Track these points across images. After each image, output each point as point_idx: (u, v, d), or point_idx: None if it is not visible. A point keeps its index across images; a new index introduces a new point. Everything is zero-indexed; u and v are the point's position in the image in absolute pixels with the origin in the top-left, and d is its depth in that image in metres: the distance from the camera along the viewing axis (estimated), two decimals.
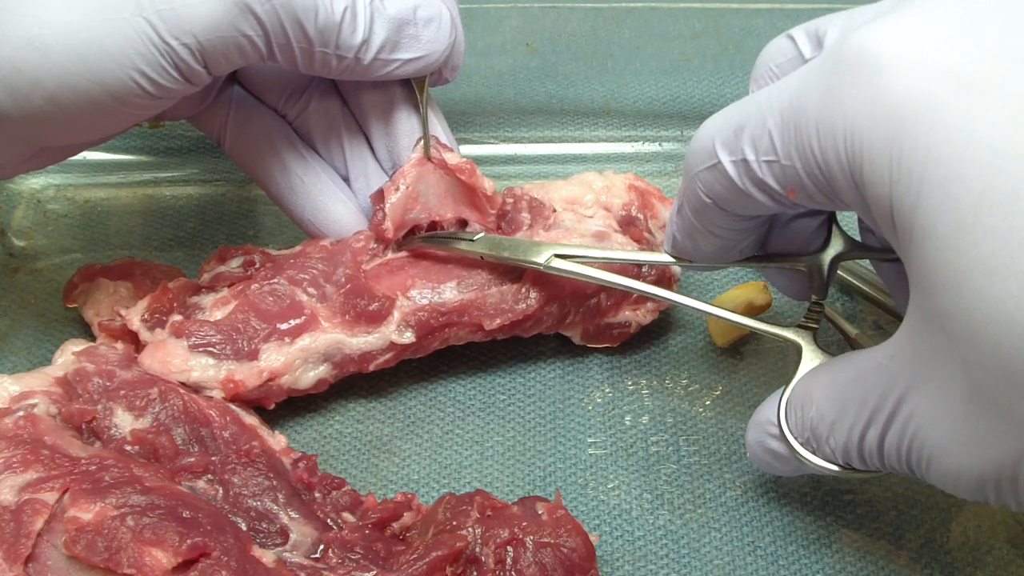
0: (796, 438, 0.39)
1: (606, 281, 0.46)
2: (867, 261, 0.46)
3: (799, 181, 0.34)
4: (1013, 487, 0.30)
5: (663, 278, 0.50)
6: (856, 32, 0.32)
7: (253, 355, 0.46)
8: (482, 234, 0.48)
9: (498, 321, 0.48)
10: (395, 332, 0.48)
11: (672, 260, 0.44)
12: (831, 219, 0.43)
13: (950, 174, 0.28)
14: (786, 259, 0.43)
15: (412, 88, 0.48)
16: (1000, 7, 0.30)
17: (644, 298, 0.51)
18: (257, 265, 0.49)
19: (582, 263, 0.46)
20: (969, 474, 0.31)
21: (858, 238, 0.43)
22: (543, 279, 0.49)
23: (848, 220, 0.42)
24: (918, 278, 0.31)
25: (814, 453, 0.38)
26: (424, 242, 0.49)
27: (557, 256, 0.47)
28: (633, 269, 0.49)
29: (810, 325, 0.42)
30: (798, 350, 0.41)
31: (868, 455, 0.35)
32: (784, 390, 0.40)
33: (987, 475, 0.31)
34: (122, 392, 0.45)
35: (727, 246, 0.41)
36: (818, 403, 0.37)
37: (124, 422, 0.44)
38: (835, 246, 0.42)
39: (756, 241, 0.42)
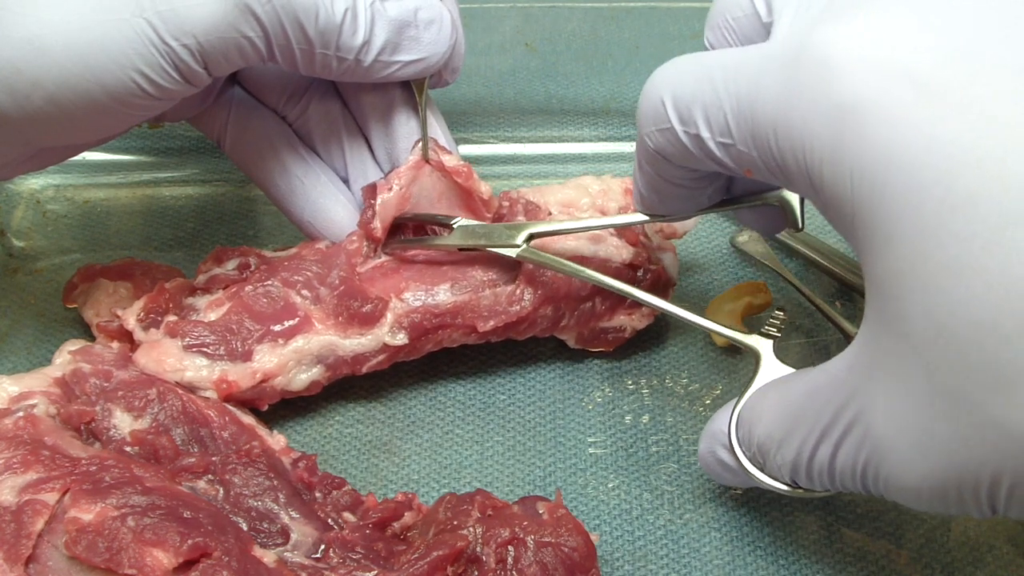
0: (744, 453, 0.38)
1: (598, 280, 0.46)
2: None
3: (755, 166, 0.34)
4: (975, 493, 0.30)
5: (658, 282, 0.50)
6: (814, 30, 0.31)
7: (247, 356, 0.46)
8: (458, 223, 0.48)
9: (492, 323, 0.48)
10: (388, 334, 0.48)
11: (646, 219, 0.43)
12: None
13: (911, 181, 0.28)
14: (756, 197, 0.42)
15: (412, 90, 0.48)
16: (958, 8, 0.30)
17: (639, 303, 0.51)
18: (252, 267, 0.49)
19: (562, 254, 0.46)
20: (931, 484, 0.31)
21: None
22: (537, 281, 0.49)
23: None
24: (879, 283, 0.30)
25: (761, 470, 0.38)
26: (405, 243, 0.49)
27: (534, 235, 0.47)
28: (628, 273, 0.49)
29: (772, 333, 0.42)
30: (756, 357, 0.41)
31: (818, 473, 0.35)
32: (737, 402, 0.39)
33: (949, 483, 0.30)
34: (120, 393, 0.45)
35: (691, 195, 0.41)
36: (766, 421, 0.37)
37: (123, 423, 0.44)
38: None
39: (721, 187, 0.42)
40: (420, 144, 0.49)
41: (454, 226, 0.48)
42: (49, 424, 0.43)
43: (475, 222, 0.49)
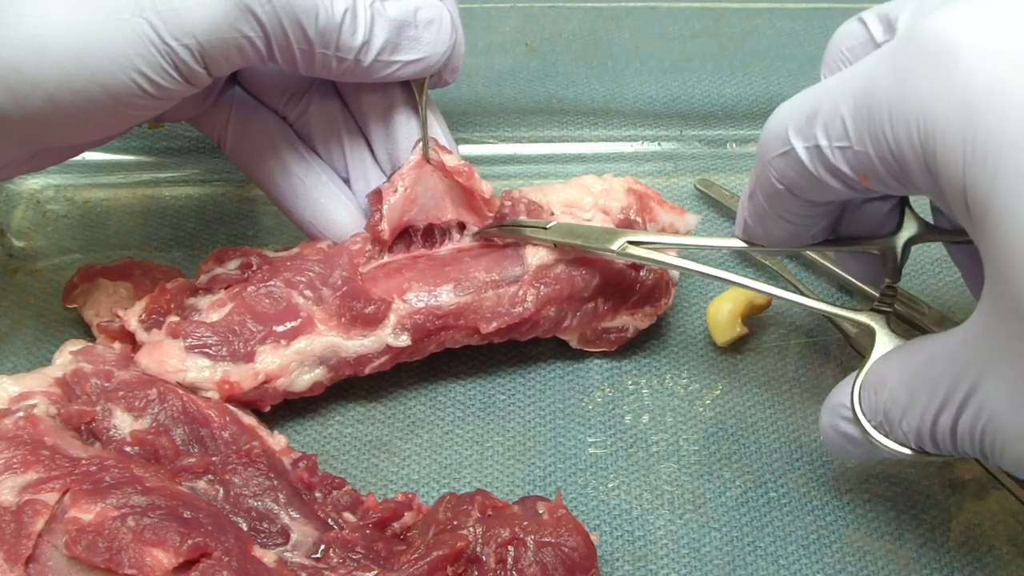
0: (869, 421, 0.38)
1: (681, 267, 0.46)
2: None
3: (872, 167, 0.34)
4: None
5: (661, 281, 0.50)
6: (929, 16, 0.32)
7: (249, 357, 0.46)
8: (555, 222, 0.49)
9: (495, 324, 0.48)
10: (391, 335, 0.48)
11: (744, 245, 0.43)
12: (903, 202, 0.42)
13: None
14: (858, 243, 0.42)
15: (412, 90, 0.48)
16: None
17: (642, 302, 0.51)
18: (254, 267, 0.49)
19: (655, 249, 0.46)
20: None
21: (931, 220, 0.43)
22: (540, 282, 0.49)
23: (920, 203, 0.42)
24: (993, 263, 0.31)
25: (887, 436, 0.38)
26: (499, 230, 0.49)
27: (631, 243, 0.47)
28: (632, 273, 0.49)
29: (883, 309, 0.41)
30: (871, 334, 0.41)
31: (941, 439, 0.35)
32: (858, 373, 0.39)
33: None
34: (120, 393, 0.45)
35: (799, 231, 0.41)
36: (891, 386, 0.37)
37: (123, 423, 0.44)
38: (908, 229, 0.42)
39: (828, 226, 0.42)
40: (420, 144, 0.49)
41: (549, 227, 0.48)
42: (49, 424, 0.43)
43: (573, 222, 0.49)
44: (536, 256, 0.49)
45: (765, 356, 0.52)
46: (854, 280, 0.54)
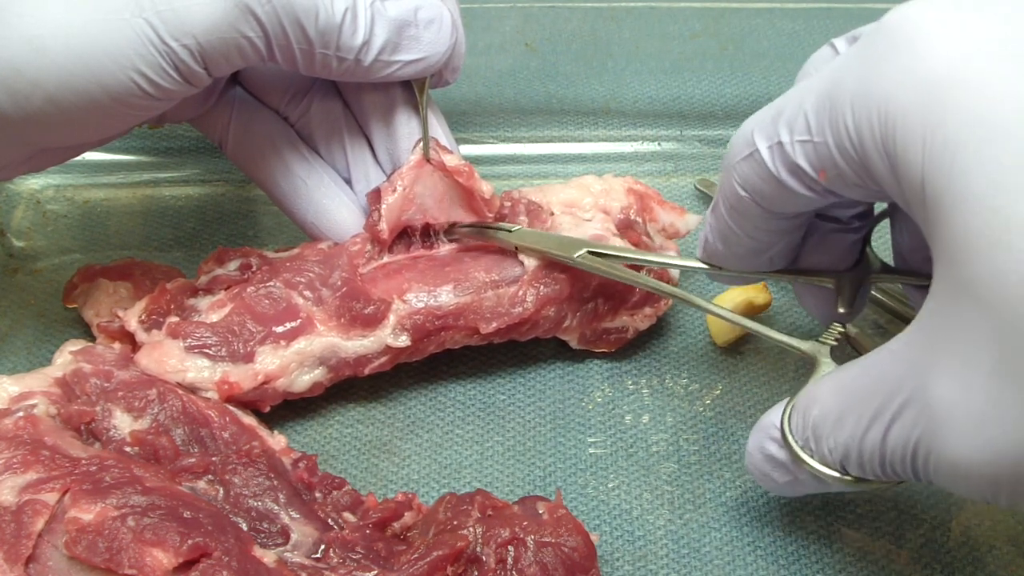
0: (796, 440, 0.38)
1: (634, 281, 0.46)
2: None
3: (831, 159, 0.34)
4: None
5: (661, 280, 0.50)
6: (893, 10, 0.32)
7: (249, 357, 0.46)
8: (520, 227, 0.49)
9: (494, 324, 0.48)
10: (390, 335, 0.48)
11: (704, 266, 0.43)
12: (865, 240, 0.43)
13: (988, 134, 0.29)
14: (816, 274, 0.43)
15: (413, 90, 0.48)
16: None
17: (642, 303, 0.51)
18: (254, 268, 0.49)
19: (613, 261, 0.47)
20: (986, 461, 0.30)
21: (891, 263, 0.43)
22: (540, 282, 0.49)
23: (881, 245, 0.42)
24: (948, 248, 0.30)
25: (811, 456, 0.38)
26: (466, 230, 0.50)
27: (591, 253, 0.47)
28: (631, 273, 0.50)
29: (828, 341, 0.41)
30: (813, 363, 0.41)
31: (868, 455, 0.34)
32: (791, 397, 0.39)
33: (1005, 461, 0.29)
34: (120, 393, 0.45)
35: (758, 249, 0.41)
36: (823, 402, 0.37)
37: (123, 423, 0.44)
38: (867, 266, 0.42)
39: (787, 248, 0.42)
40: (420, 144, 0.49)
41: (513, 231, 0.49)
42: (49, 424, 0.43)
43: (533, 230, 0.49)
44: (535, 256, 0.49)
45: (765, 356, 0.52)
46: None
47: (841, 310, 0.42)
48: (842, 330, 0.42)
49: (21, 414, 0.43)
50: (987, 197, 0.29)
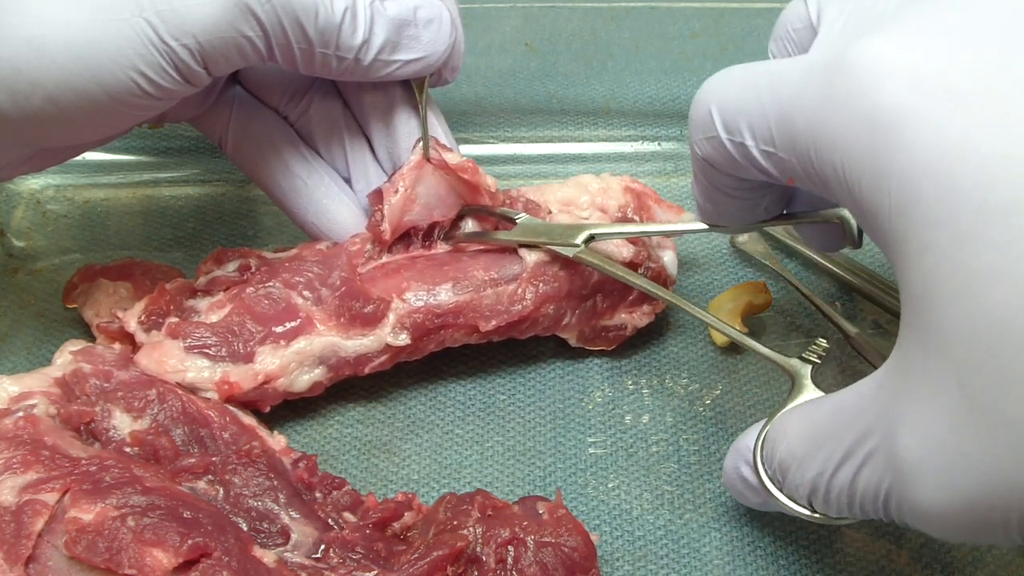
0: (766, 471, 0.38)
1: (631, 282, 0.47)
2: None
3: (797, 175, 0.34)
4: (1005, 519, 0.29)
5: (658, 280, 0.50)
6: (854, 42, 0.31)
7: (248, 357, 0.46)
8: (522, 214, 0.49)
9: (494, 322, 0.48)
10: (390, 334, 0.48)
11: (706, 227, 0.43)
12: None
13: (947, 186, 0.28)
14: (815, 213, 0.42)
15: (412, 89, 0.48)
16: (992, 21, 0.30)
17: (640, 300, 0.51)
18: (253, 268, 0.49)
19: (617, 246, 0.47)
20: (958, 508, 0.30)
21: None
22: (539, 279, 0.49)
23: None
24: (914, 293, 0.30)
25: (780, 490, 0.38)
26: (467, 238, 0.50)
27: (593, 236, 0.47)
28: (639, 259, 0.50)
29: (812, 359, 0.41)
30: (793, 381, 0.41)
31: (836, 495, 0.34)
32: (767, 421, 0.39)
33: (979, 508, 0.29)
34: (120, 393, 0.45)
35: (748, 205, 0.41)
36: (790, 439, 0.37)
37: (123, 424, 0.44)
38: None
39: (778, 199, 0.41)
40: (420, 143, 0.49)
41: (516, 220, 0.49)
42: (49, 424, 0.43)
43: (537, 220, 0.49)
44: (534, 254, 0.49)
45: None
46: (847, 272, 0.54)
47: (849, 246, 0.42)
48: (826, 346, 0.42)
49: (21, 414, 0.43)
50: (949, 248, 0.28)
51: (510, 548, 0.40)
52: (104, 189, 0.60)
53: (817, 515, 0.37)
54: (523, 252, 0.49)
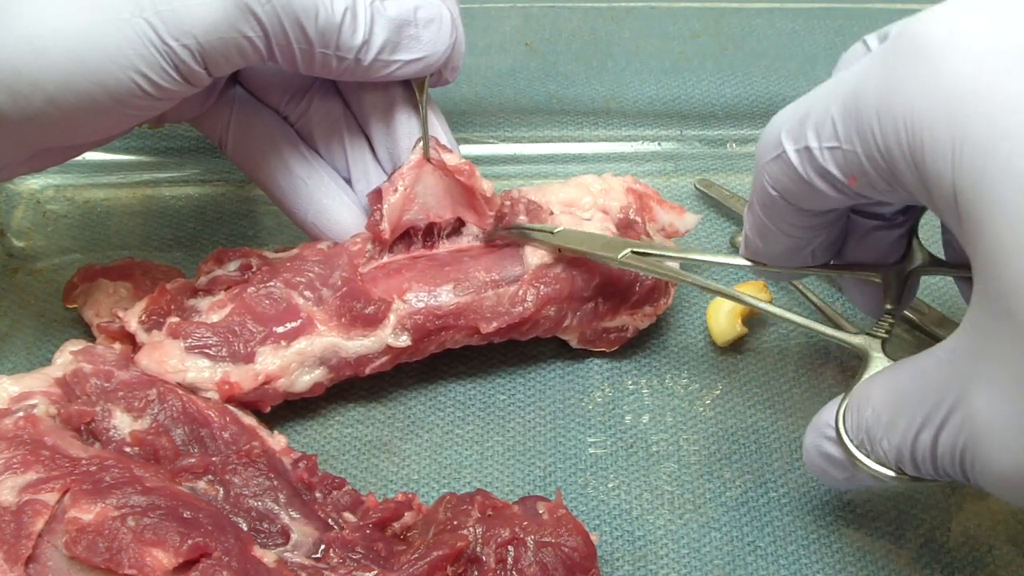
0: (851, 440, 0.38)
1: (677, 278, 0.46)
2: None
3: (860, 167, 0.34)
4: None
5: (659, 284, 0.50)
6: (916, 19, 0.32)
7: (249, 358, 0.46)
8: (562, 227, 0.49)
9: (495, 324, 0.48)
10: (391, 335, 0.47)
11: (749, 264, 0.43)
12: (911, 232, 0.42)
13: (1015, 146, 0.28)
14: (862, 269, 0.42)
15: (412, 89, 0.48)
16: None
17: (642, 302, 0.51)
18: (254, 268, 0.49)
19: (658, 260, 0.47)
20: (1022, 475, 0.30)
21: (940, 255, 0.42)
22: (540, 282, 0.49)
23: (928, 235, 0.41)
24: (982, 263, 0.30)
25: (868, 456, 0.37)
26: (507, 232, 0.49)
27: (635, 253, 0.47)
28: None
29: (879, 334, 0.41)
30: (864, 357, 0.40)
31: (921, 458, 0.35)
32: (845, 394, 0.39)
33: None
34: (120, 393, 0.45)
35: (797, 246, 0.40)
36: (874, 403, 0.37)
37: (123, 423, 0.44)
38: (914, 260, 0.41)
39: (828, 244, 0.41)
40: (420, 143, 0.49)
41: (554, 232, 0.48)
42: (49, 424, 0.43)
43: (575, 231, 0.49)
44: (536, 256, 0.49)
45: (765, 356, 0.52)
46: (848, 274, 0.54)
47: (888, 305, 0.41)
48: (892, 320, 0.41)
49: (21, 414, 0.43)
50: (1016, 209, 0.28)
51: (510, 548, 0.40)
52: (104, 189, 0.60)
53: (905, 477, 0.37)
54: (525, 253, 0.49)
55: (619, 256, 0.47)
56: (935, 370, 0.34)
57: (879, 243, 0.42)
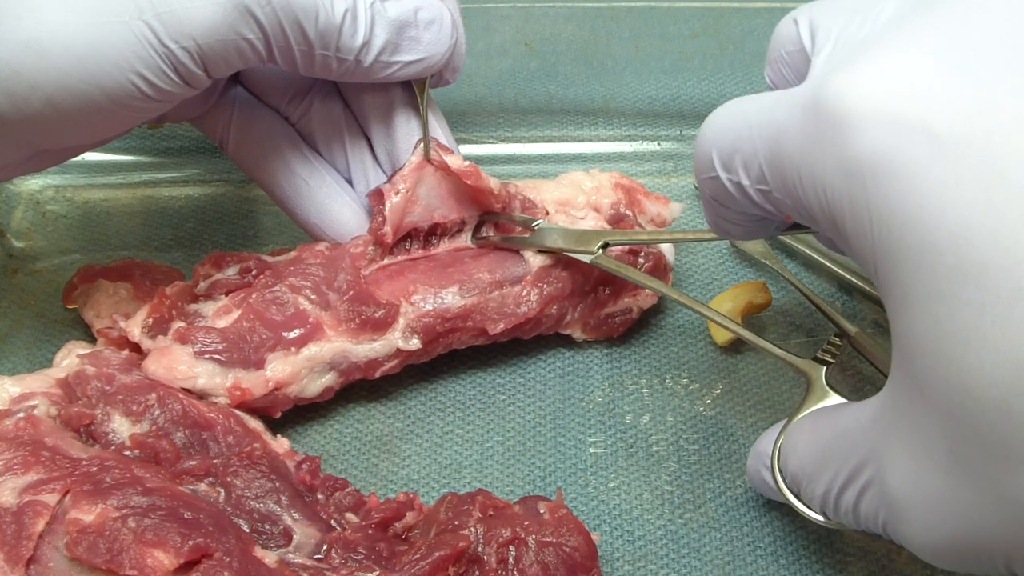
0: (784, 479, 0.39)
1: (647, 285, 0.47)
2: None
3: (792, 212, 0.34)
4: (992, 562, 0.29)
5: (658, 267, 0.51)
6: (832, 78, 0.30)
7: (259, 364, 0.46)
8: (539, 225, 0.49)
9: (502, 325, 0.48)
10: (401, 339, 0.47)
11: (718, 237, 0.42)
12: None
13: (925, 242, 0.27)
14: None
15: (413, 90, 0.48)
16: (978, 49, 0.28)
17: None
18: (253, 272, 0.49)
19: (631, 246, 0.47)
20: (948, 547, 0.30)
21: None
22: (543, 281, 0.49)
23: None
24: (899, 340, 0.30)
25: (797, 499, 0.38)
26: (491, 241, 0.50)
27: (608, 244, 0.48)
28: (630, 259, 0.50)
29: (826, 359, 0.41)
30: (808, 384, 0.41)
31: (844, 513, 0.35)
32: (784, 426, 0.40)
33: (966, 549, 0.30)
34: (120, 397, 0.44)
35: (755, 230, 0.40)
36: (800, 454, 0.37)
37: (122, 427, 0.44)
38: None
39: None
40: (421, 144, 0.49)
41: (534, 228, 0.49)
42: (50, 425, 0.43)
43: (554, 226, 0.50)
44: (537, 256, 0.49)
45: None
46: (847, 272, 0.54)
47: (835, 336, 0.42)
48: (839, 343, 0.42)
49: (22, 415, 0.43)
50: (927, 303, 0.28)
51: (511, 548, 0.40)
52: (104, 189, 0.60)
53: (833, 523, 0.37)
54: (527, 254, 0.49)
55: (594, 249, 0.47)
56: (856, 434, 0.34)
57: None
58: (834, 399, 0.40)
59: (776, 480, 0.39)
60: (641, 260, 0.50)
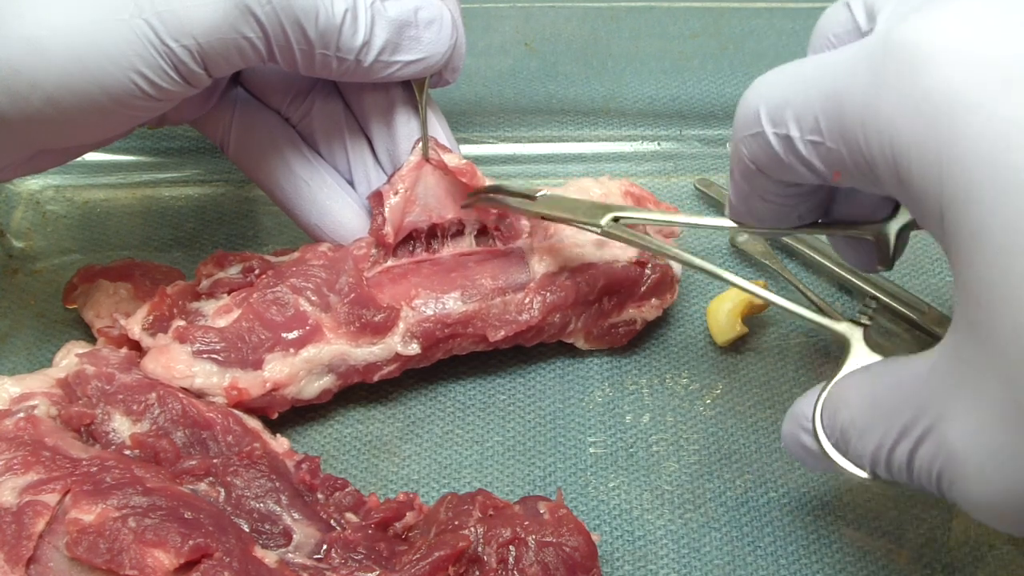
0: (828, 438, 0.37)
1: (661, 250, 0.45)
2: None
3: (844, 166, 0.33)
4: None
5: (665, 278, 0.50)
6: (903, 22, 0.30)
7: (257, 364, 0.46)
8: (543, 191, 0.47)
9: (502, 333, 0.48)
10: (400, 343, 0.47)
11: (734, 224, 0.42)
12: None
13: (1000, 178, 0.27)
14: (851, 227, 0.41)
15: (413, 90, 0.48)
16: None
17: (648, 295, 0.51)
18: (256, 272, 0.49)
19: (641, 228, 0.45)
20: (1008, 503, 0.29)
21: None
22: (546, 290, 0.48)
23: None
24: (967, 285, 0.29)
25: (843, 456, 0.37)
26: (487, 200, 0.48)
27: (618, 219, 0.45)
28: (637, 270, 0.50)
29: (863, 321, 0.40)
30: (846, 346, 0.40)
31: (896, 469, 0.34)
32: (824, 386, 0.38)
33: (1021, 503, 0.29)
34: (120, 396, 0.44)
35: (782, 212, 0.39)
36: (851, 407, 0.36)
37: (122, 427, 0.44)
38: (902, 216, 0.40)
39: (815, 206, 0.40)
40: (420, 144, 0.49)
41: (537, 196, 0.47)
42: (50, 425, 0.43)
43: (559, 195, 0.48)
44: (542, 264, 0.49)
45: (765, 355, 0.52)
46: (847, 272, 0.54)
47: (880, 267, 0.41)
48: (875, 306, 0.41)
49: (22, 415, 0.43)
50: (1002, 252, 0.27)
51: (511, 548, 0.40)
52: (104, 189, 0.60)
53: (879, 480, 0.36)
54: (531, 261, 0.49)
55: (602, 222, 0.45)
56: (913, 385, 0.33)
57: (867, 200, 0.40)
58: (877, 358, 0.39)
59: (820, 440, 0.37)
60: (648, 272, 0.50)
